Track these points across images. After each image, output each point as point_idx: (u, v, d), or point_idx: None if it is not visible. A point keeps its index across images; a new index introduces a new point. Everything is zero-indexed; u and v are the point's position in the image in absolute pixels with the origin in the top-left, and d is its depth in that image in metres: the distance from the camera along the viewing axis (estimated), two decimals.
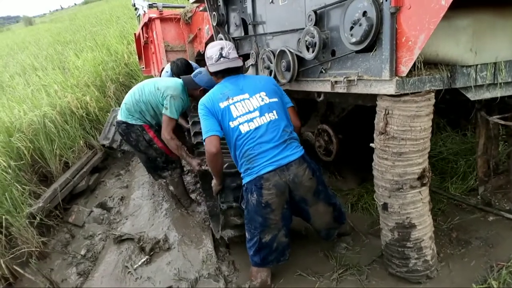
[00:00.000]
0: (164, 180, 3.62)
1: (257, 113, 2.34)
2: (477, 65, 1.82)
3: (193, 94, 3.31)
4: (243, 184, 2.38)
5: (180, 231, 3.18)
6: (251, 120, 2.33)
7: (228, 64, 2.45)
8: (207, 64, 2.54)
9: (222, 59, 2.46)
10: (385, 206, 2.02)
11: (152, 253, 3.00)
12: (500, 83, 1.94)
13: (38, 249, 3.30)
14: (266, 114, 2.35)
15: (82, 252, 3.31)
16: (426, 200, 1.98)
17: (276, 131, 2.32)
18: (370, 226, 2.77)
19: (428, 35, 1.49)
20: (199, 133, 3.15)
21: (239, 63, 2.49)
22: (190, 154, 3.38)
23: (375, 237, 2.55)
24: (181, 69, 3.77)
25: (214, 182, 2.66)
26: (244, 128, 2.33)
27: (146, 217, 3.55)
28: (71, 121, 5.16)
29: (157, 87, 3.23)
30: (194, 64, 4.20)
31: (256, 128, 2.32)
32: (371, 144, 1.98)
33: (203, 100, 2.44)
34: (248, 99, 2.38)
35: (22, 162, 4.27)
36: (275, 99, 2.42)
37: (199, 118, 2.46)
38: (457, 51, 1.80)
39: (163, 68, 4.94)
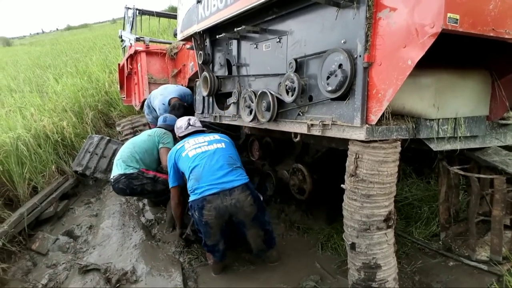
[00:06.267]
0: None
1: (205, 143, 2.89)
2: (439, 119, 2.01)
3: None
4: (189, 199, 2.73)
5: (149, 263, 3.13)
6: (199, 147, 2.85)
7: (194, 129, 3.20)
8: (177, 133, 3.31)
9: (190, 126, 3.18)
10: (353, 246, 2.10)
11: (118, 285, 2.91)
12: (460, 137, 2.13)
13: None
14: (214, 144, 2.87)
15: (43, 282, 3.18)
16: (391, 242, 2.08)
17: (223, 156, 2.77)
18: (338, 266, 2.83)
19: (396, 89, 1.66)
20: None
21: (202, 128, 3.25)
22: None
23: (343, 277, 2.61)
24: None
25: (177, 227, 3.36)
26: (191, 153, 2.83)
27: (115, 247, 3.47)
28: (45, 145, 5.07)
29: (148, 134, 3.82)
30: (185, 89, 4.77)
31: (203, 152, 2.80)
32: (342, 185, 2.10)
33: (169, 152, 3.10)
34: (202, 138, 2.97)
35: None
36: (226, 140, 2.98)
37: None
38: (421, 106, 1.99)
39: (145, 99, 5.04)
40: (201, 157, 2.77)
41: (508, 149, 2.48)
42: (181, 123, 3.26)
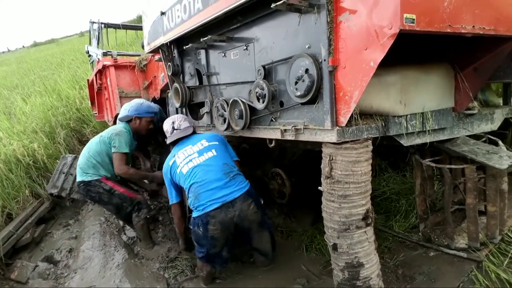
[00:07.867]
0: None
1: (196, 155, 2.75)
2: (407, 115, 2.05)
3: (137, 130, 3.80)
4: (192, 215, 2.68)
5: (133, 282, 3.06)
6: (190, 160, 2.73)
7: (179, 135, 2.97)
8: (166, 138, 3.07)
9: (175, 131, 3.00)
10: (335, 247, 2.12)
11: None
12: (429, 130, 2.18)
13: None
14: (205, 154, 2.75)
15: None
16: (371, 239, 2.10)
17: (217, 166, 2.67)
18: (324, 266, 2.84)
19: (361, 90, 1.68)
20: None
21: (189, 131, 2.98)
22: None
23: (329, 277, 2.62)
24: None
25: (180, 242, 3.28)
26: (185, 169, 2.72)
27: (97, 269, 3.38)
28: (16, 170, 4.91)
29: (100, 136, 3.66)
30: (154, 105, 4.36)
31: (196, 166, 2.69)
32: (319, 188, 2.11)
33: (163, 169, 2.96)
34: (191, 147, 2.81)
35: None
36: (215, 143, 2.84)
37: None
38: (388, 104, 2.03)
39: (117, 114, 4.93)
40: (195, 172, 2.67)
41: (476, 138, 2.55)
42: (166, 127, 3.06)
